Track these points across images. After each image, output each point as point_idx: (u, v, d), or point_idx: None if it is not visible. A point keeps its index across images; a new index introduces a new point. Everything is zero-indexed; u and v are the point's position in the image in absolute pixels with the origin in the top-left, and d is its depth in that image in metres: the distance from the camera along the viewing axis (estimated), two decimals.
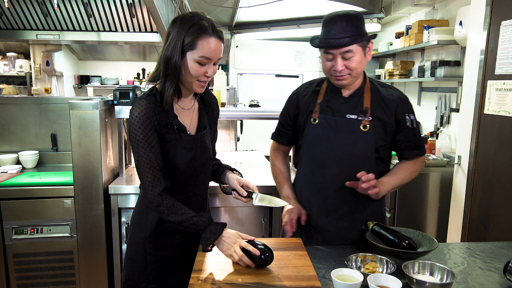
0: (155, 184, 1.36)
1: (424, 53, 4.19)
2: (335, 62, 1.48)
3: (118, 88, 2.39)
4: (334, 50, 1.47)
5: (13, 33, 3.58)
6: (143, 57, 6.02)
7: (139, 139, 1.35)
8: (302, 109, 1.66)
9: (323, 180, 1.59)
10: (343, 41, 1.44)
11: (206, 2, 4.06)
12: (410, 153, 1.61)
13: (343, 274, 1.16)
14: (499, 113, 2.30)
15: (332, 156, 1.56)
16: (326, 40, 1.47)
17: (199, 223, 1.35)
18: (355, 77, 1.53)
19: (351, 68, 1.48)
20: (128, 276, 1.50)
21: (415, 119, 1.60)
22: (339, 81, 1.53)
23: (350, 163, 1.54)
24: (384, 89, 1.60)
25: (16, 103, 2.94)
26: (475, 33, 2.55)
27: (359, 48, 1.47)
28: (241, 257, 1.28)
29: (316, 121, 1.60)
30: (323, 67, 1.56)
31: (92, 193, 2.25)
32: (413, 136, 1.59)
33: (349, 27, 1.45)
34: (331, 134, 1.56)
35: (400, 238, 1.36)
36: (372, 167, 1.54)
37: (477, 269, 1.33)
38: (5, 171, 2.64)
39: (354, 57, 1.47)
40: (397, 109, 1.56)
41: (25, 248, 2.32)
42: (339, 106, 1.58)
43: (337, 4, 4.17)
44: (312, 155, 1.62)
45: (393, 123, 1.56)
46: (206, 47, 1.32)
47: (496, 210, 2.33)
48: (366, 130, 1.52)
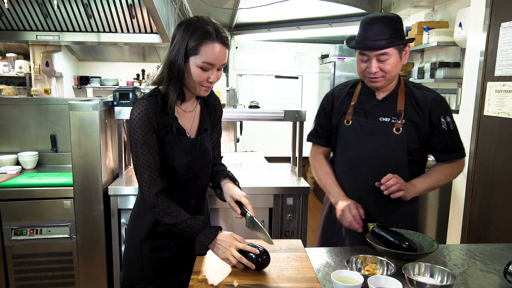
0: (152, 185, 1.36)
1: (424, 54, 4.19)
2: (369, 64, 1.49)
3: (118, 89, 2.39)
4: (370, 52, 1.47)
5: (13, 34, 3.58)
6: (143, 58, 6.01)
7: (138, 139, 1.35)
8: (336, 110, 1.68)
9: (354, 180, 1.61)
10: (380, 43, 1.44)
11: (206, 3, 4.06)
12: (446, 156, 1.59)
13: (343, 276, 1.16)
14: (498, 114, 2.30)
15: (363, 158, 1.58)
16: (362, 42, 1.47)
17: (193, 226, 1.34)
18: (389, 80, 1.53)
19: (386, 71, 1.49)
20: (126, 277, 1.50)
21: (452, 121, 1.58)
22: (373, 83, 1.54)
23: (381, 165, 1.55)
24: (418, 91, 1.60)
25: (15, 103, 2.94)
26: (475, 35, 2.56)
27: (395, 51, 1.47)
28: (239, 259, 1.27)
29: (349, 122, 1.61)
30: (357, 68, 1.57)
31: (92, 194, 2.24)
32: (450, 139, 1.57)
33: (387, 29, 1.44)
34: (363, 136, 1.58)
35: (400, 240, 1.36)
36: (404, 170, 1.55)
37: (477, 271, 1.33)
38: (4, 172, 2.64)
39: (389, 60, 1.47)
40: (432, 111, 1.55)
41: (25, 249, 2.31)
42: (372, 109, 1.59)
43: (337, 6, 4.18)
44: (344, 156, 1.65)
45: (427, 126, 1.55)
46: (210, 52, 1.32)
47: (496, 211, 2.33)
48: (399, 133, 1.53)
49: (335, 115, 1.68)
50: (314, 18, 5.18)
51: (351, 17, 4.93)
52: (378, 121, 1.57)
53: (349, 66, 5.38)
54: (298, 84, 6.42)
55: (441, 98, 1.59)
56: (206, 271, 1.29)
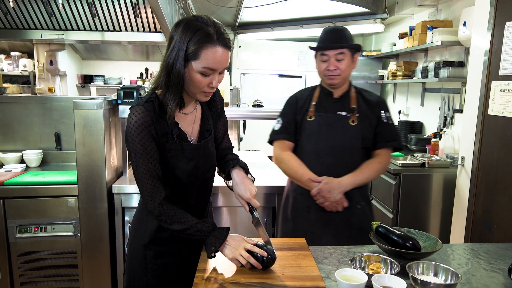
0: (155, 194, 1.31)
1: (428, 53, 4.18)
2: (329, 63, 1.81)
3: (122, 88, 2.39)
4: (331, 52, 1.80)
5: (17, 33, 3.60)
6: (146, 57, 6.03)
7: (137, 149, 1.28)
8: (299, 109, 1.93)
9: (320, 168, 1.82)
10: (339, 44, 1.80)
11: (210, 2, 4.07)
12: (383, 144, 1.88)
13: (347, 275, 1.16)
14: (503, 114, 2.29)
15: (326, 147, 1.84)
16: (325, 44, 1.83)
17: (203, 230, 1.31)
18: (344, 79, 1.85)
19: (342, 69, 1.81)
20: (129, 282, 1.48)
21: (390, 117, 1.92)
22: (331, 80, 1.84)
23: (341, 153, 1.83)
24: (366, 93, 1.94)
25: (20, 102, 2.95)
26: (479, 34, 2.55)
27: (349, 54, 1.81)
28: (248, 258, 1.26)
29: (311, 118, 1.88)
30: (318, 68, 1.88)
31: (96, 192, 2.25)
32: (389, 130, 1.88)
33: (342, 36, 1.82)
34: (325, 128, 1.85)
35: (404, 239, 1.36)
36: (358, 156, 1.86)
37: (481, 270, 1.33)
38: (9, 170, 2.65)
39: (344, 60, 1.80)
40: (376, 107, 1.89)
41: (29, 247, 2.33)
42: (331, 105, 1.89)
43: (340, 5, 4.17)
44: (309, 148, 1.88)
45: (374, 119, 1.87)
46: (211, 57, 1.23)
47: (500, 211, 2.32)
48: (355, 124, 1.83)
49: (299, 113, 1.92)
50: (317, 17, 5.17)
51: (355, 16, 4.92)
52: (336, 115, 1.86)
53: None
54: (301, 83, 6.42)
55: (383, 99, 1.96)
56: (211, 269, 1.29)
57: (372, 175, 1.84)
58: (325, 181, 1.76)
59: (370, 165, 1.85)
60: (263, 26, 5.72)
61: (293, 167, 1.86)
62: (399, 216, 3.18)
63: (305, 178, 1.82)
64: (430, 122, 4.11)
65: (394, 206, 3.18)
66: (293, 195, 1.94)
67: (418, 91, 4.38)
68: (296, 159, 1.88)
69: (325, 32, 1.87)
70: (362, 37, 6.32)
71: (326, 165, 1.82)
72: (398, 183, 3.14)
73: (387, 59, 5.31)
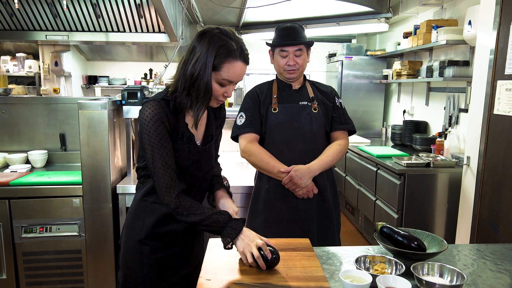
0: (172, 186, 1.33)
1: (433, 53, 4.16)
2: (288, 58, 1.95)
3: (126, 88, 2.40)
4: (291, 48, 1.94)
5: (22, 34, 3.62)
6: (150, 58, 6.04)
7: (153, 140, 1.31)
8: (262, 103, 2.03)
9: (292, 155, 1.95)
10: (298, 41, 1.95)
11: (213, 3, 4.07)
12: (340, 127, 2.05)
13: (351, 275, 1.16)
14: (508, 113, 2.28)
15: (296, 135, 1.96)
16: (285, 40, 1.95)
17: (219, 220, 1.32)
18: (301, 73, 2.03)
19: (300, 64, 1.97)
20: (125, 278, 1.49)
21: (342, 103, 2.12)
22: (290, 75, 1.99)
23: (310, 139, 1.97)
24: (318, 84, 2.13)
25: (25, 103, 2.97)
26: (485, 33, 2.53)
27: (305, 50, 1.98)
28: (257, 258, 1.26)
29: (276, 110, 1.99)
30: (278, 64, 2.00)
31: (100, 192, 2.26)
32: (342, 114, 2.07)
33: (299, 34, 1.97)
34: (291, 117, 1.97)
35: (409, 239, 1.35)
36: (324, 140, 2.02)
37: (487, 271, 1.32)
38: (14, 170, 2.67)
39: (302, 55, 1.96)
40: (330, 96, 2.08)
41: (34, 247, 2.34)
42: (292, 97, 2.03)
43: (344, 4, 4.16)
44: (278, 137, 1.98)
45: (330, 105, 2.05)
46: (231, 70, 1.31)
47: (506, 211, 2.31)
48: (317, 112, 2.00)
49: (263, 106, 2.02)
50: (321, 17, 5.16)
51: (359, 15, 4.90)
52: (299, 104, 2.00)
53: (356, 65, 5.36)
54: None
55: (334, 88, 2.15)
56: (214, 270, 1.29)
57: (336, 157, 1.98)
58: (295, 169, 1.88)
59: (332, 148, 1.99)
60: (267, 26, 5.71)
61: (264, 159, 1.94)
62: (404, 216, 3.16)
63: (276, 170, 1.91)
64: (435, 122, 4.09)
65: (399, 206, 3.17)
66: (265, 187, 2.01)
67: (423, 90, 4.36)
68: (265, 152, 1.96)
69: (281, 29, 1.99)
70: (366, 37, 6.29)
71: (297, 152, 1.96)
72: (403, 183, 3.13)
73: (391, 59, 5.28)
